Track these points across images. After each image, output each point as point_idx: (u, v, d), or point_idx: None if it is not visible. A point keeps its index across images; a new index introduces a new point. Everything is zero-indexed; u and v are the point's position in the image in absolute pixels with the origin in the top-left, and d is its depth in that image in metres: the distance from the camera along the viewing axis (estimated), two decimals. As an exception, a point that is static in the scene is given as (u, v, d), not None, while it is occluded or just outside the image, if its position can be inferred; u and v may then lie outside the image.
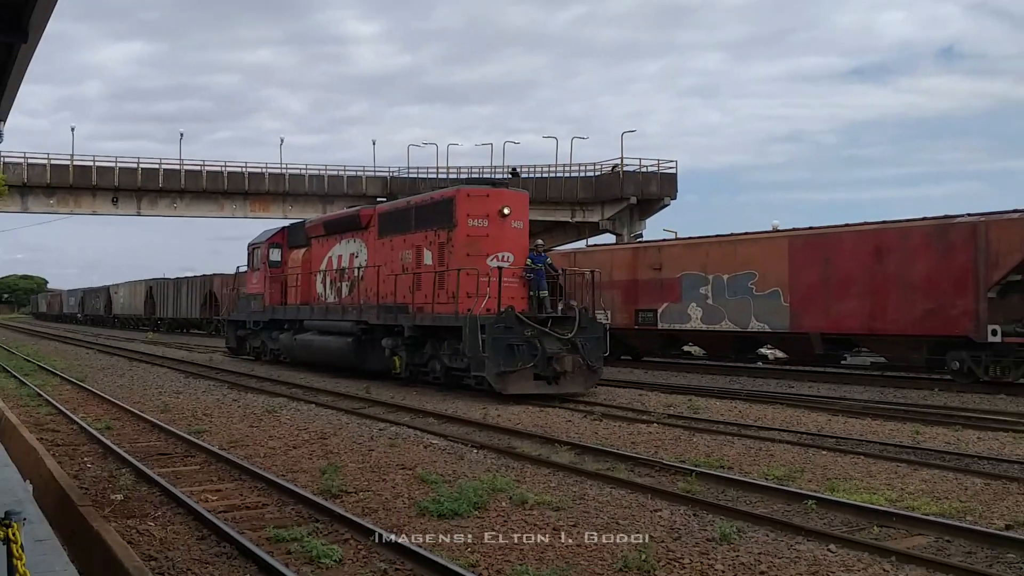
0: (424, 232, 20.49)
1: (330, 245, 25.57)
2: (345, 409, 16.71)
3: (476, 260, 18.55)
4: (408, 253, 21.12)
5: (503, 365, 17.29)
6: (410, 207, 21.60)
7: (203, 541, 7.66)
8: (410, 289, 20.43)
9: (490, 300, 17.97)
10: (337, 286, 24.88)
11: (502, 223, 19.17)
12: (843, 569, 6.76)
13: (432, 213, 20.30)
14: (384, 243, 22.32)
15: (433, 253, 20.04)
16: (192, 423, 14.82)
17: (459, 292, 18.17)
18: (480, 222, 19.15)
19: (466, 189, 19.92)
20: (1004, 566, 6.91)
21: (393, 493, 9.41)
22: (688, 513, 8.56)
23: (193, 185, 59.97)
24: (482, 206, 19.22)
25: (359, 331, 22.14)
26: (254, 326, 30.14)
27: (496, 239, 19.15)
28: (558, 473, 10.53)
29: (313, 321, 25.24)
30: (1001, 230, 19.90)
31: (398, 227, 21.78)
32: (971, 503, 8.94)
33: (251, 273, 30.72)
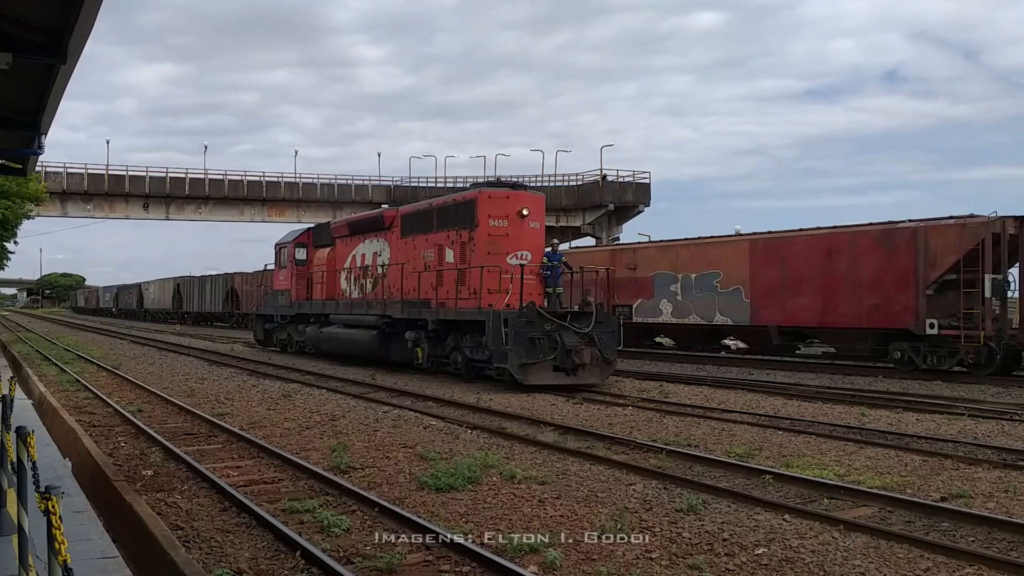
0: (446, 232, 19.76)
1: (354, 244, 24.82)
2: (353, 394, 16.66)
3: (496, 258, 17.96)
4: (430, 252, 20.40)
5: (525, 357, 16.72)
6: (432, 209, 20.78)
7: (225, 512, 7.64)
8: (432, 286, 19.88)
9: (511, 296, 17.38)
10: (361, 283, 24.19)
11: (521, 223, 18.51)
12: (796, 536, 6.78)
13: (454, 214, 19.56)
14: (407, 242, 21.59)
15: (455, 252, 19.37)
16: (215, 406, 14.76)
17: (481, 288, 17.50)
18: (500, 222, 18.47)
19: (487, 191, 19.10)
20: (939, 533, 6.94)
21: (396, 469, 9.39)
22: (659, 487, 8.57)
23: (216, 192, 59.89)
24: (502, 207, 18.58)
25: (383, 325, 21.43)
26: (281, 320, 29.52)
27: (515, 238, 18.46)
28: (543, 451, 10.53)
29: (338, 315, 24.50)
30: (938, 234, 19.98)
31: (420, 227, 21.02)
32: (910, 477, 8.98)
33: (278, 271, 30.07)
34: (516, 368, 16.68)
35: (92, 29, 6.40)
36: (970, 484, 8.63)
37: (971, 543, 6.66)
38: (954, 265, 19.59)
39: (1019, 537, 6.75)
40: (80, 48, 6.77)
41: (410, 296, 20.64)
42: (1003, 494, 8.20)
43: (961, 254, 19.53)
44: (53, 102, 8.42)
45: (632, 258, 27.69)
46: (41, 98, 8.37)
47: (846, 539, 6.71)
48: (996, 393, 16.98)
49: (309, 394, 16.76)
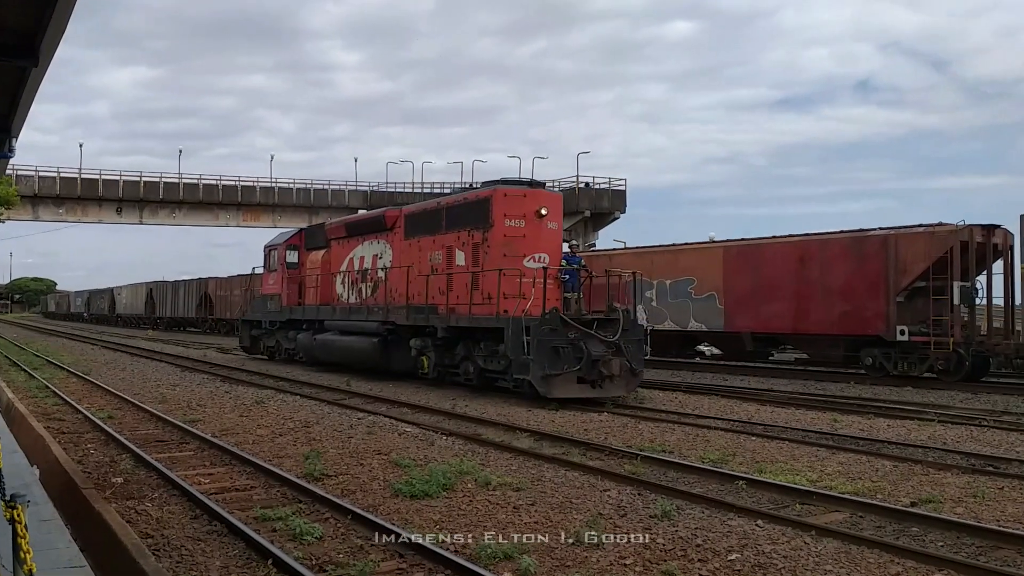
0: (456, 233, 18.45)
1: (351, 247, 23.45)
2: (327, 400, 16.55)
3: (512, 261, 16.63)
4: (438, 254, 19.11)
5: (548, 368, 15.35)
6: (440, 208, 19.45)
7: (196, 520, 7.55)
8: (441, 290, 18.52)
9: (526, 301, 15.92)
10: (358, 287, 22.82)
11: (539, 224, 17.28)
12: (769, 542, 6.81)
13: (466, 213, 18.23)
14: (411, 244, 20.22)
15: (466, 254, 18.08)
16: (187, 413, 14.59)
17: (499, 292, 16.26)
18: (517, 222, 17.21)
19: (503, 189, 17.64)
20: (909, 538, 7.01)
21: (370, 476, 9.33)
22: (633, 492, 8.58)
23: (191, 197, 59.44)
24: (519, 206, 17.29)
25: (384, 332, 20.14)
26: (270, 326, 27.88)
27: (533, 240, 17.21)
28: (519, 457, 10.51)
29: (334, 321, 23.02)
30: (908, 242, 20.22)
31: (427, 228, 19.66)
32: (881, 483, 9.06)
33: (267, 274, 28.36)
34: (539, 380, 15.35)
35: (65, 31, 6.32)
36: (939, 489, 8.72)
37: (940, 548, 6.73)
38: (924, 272, 19.83)
39: (987, 542, 6.83)
40: (52, 50, 6.68)
41: (416, 301, 19.33)
42: (971, 499, 8.29)
43: (930, 262, 19.78)
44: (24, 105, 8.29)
45: (607, 265, 27.69)
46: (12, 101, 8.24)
47: (818, 544, 6.75)
48: (965, 399, 17.19)
49: (282, 400, 16.62)
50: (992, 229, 20.20)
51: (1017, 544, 6.72)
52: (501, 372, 16.68)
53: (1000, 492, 8.61)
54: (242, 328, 30.74)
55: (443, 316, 18.10)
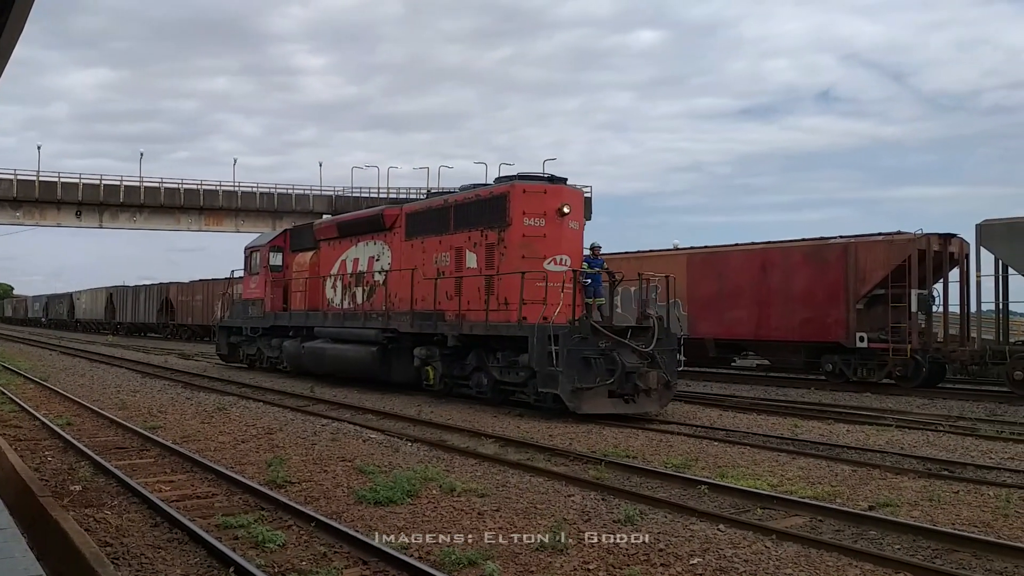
0: (467, 232, 17.02)
1: (344, 248, 21.90)
2: (291, 407, 16.40)
3: (532, 263, 15.27)
4: (445, 256, 17.66)
5: (578, 381, 14.05)
6: (448, 206, 17.87)
7: (156, 528, 7.44)
8: (448, 295, 17.19)
9: (548, 307, 14.63)
10: (352, 291, 21.29)
11: (560, 223, 15.85)
12: (730, 546, 6.89)
13: (478, 211, 16.80)
14: (413, 245, 18.81)
15: (479, 256, 16.65)
16: (148, 419, 14.38)
17: (522, 298, 14.79)
18: (536, 221, 15.80)
19: (521, 184, 16.16)
20: (867, 541, 7.13)
21: (334, 483, 9.27)
22: (598, 498, 8.62)
23: (152, 200, 58.64)
24: (539, 203, 15.84)
25: (384, 340, 18.65)
26: (251, 333, 25.83)
27: (554, 240, 15.81)
28: (484, 463, 10.51)
29: (326, 328, 21.47)
30: (867, 251, 20.59)
31: (432, 228, 18.22)
32: (840, 487, 9.19)
33: (249, 277, 26.48)
34: (568, 394, 14.03)
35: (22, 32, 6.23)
36: (896, 493, 8.88)
37: (897, 551, 6.85)
38: (882, 280, 20.20)
39: (943, 544, 6.97)
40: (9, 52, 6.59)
41: (421, 307, 17.91)
42: (928, 503, 8.45)
43: (889, 270, 20.16)
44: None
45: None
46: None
47: (778, 548, 6.83)
48: (922, 404, 17.52)
49: (245, 407, 16.44)
50: (949, 238, 20.63)
51: (972, 547, 6.87)
52: (520, 385, 15.47)
53: (955, 496, 8.79)
54: (219, 335, 28.82)
55: (453, 323, 16.76)
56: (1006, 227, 18.58)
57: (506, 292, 15.62)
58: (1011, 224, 18.55)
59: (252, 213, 61.50)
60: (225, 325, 28.27)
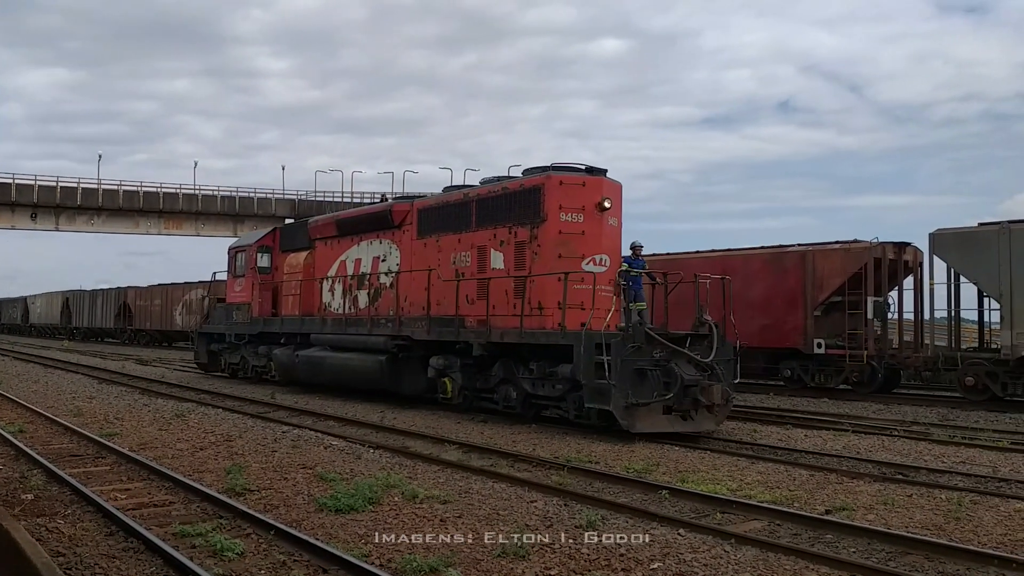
0: (492, 229, 15.52)
1: (343, 248, 20.24)
2: (250, 413, 16.21)
3: (569, 263, 13.89)
4: (465, 255, 16.18)
5: (633, 396, 12.64)
6: (468, 200, 16.31)
7: (111, 537, 7.30)
8: (469, 299, 15.71)
9: (588, 313, 13.52)
10: (353, 295, 19.57)
11: (600, 219, 14.42)
12: (690, 551, 6.94)
13: (506, 206, 15.29)
14: (426, 244, 17.26)
15: (506, 255, 15.16)
16: (104, 426, 14.11)
17: (565, 302, 13.37)
18: (574, 216, 14.34)
19: (557, 175, 14.59)
20: (824, 545, 7.22)
21: (294, 491, 9.17)
22: (560, 503, 8.64)
23: (110, 203, 57.71)
24: (577, 197, 14.39)
25: (394, 348, 17.05)
26: (235, 340, 24.03)
27: (593, 237, 14.38)
28: (447, 470, 10.47)
29: (323, 335, 19.74)
30: (825, 258, 20.93)
31: (449, 225, 16.70)
32: (798, 491, 9.31)
33: (233, 280, 24.42)
34: (621, 410, 12.56)
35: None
36: (852, 497, 9.02)
37: (853, 554, 6.95)
38: (840, 288, 20.55)
39: (896, 547, 7.09)
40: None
41: (439, 311, 16.38)
42: (882, 506, 8.59)
43: (846, 277, 20.51)
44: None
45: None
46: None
47: (737, 552, 6.90)
48: (877, 410, 17.83)
49: (204, 414, 16.21)
50: (903, 247, 21.06)
51: (924, 549, 6.99)
52: (556, 399, 14.09)
53: (909, 499, 8.96)
54: (198, 342, 26.62)
55: (479, 330, 15.10)
56: (957, 236, 19.01)
57: (540, 295, 14.30)
58: (962, 234, 18.98)
59: (213, 216, 60.82)
60: (206, 332, 26.27)
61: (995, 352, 18.50)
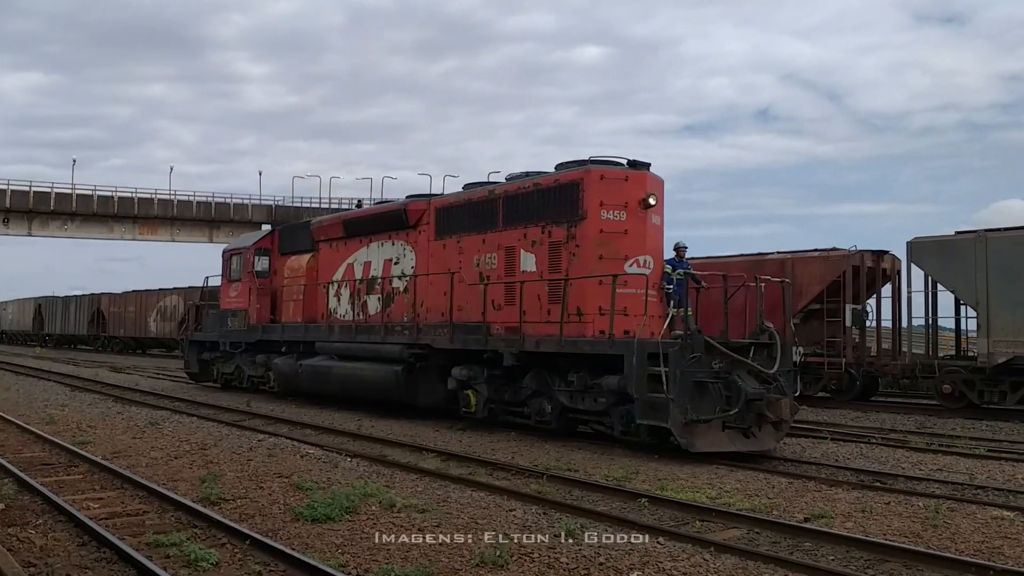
0: (522, 229, 14.50)
1: (351, 250, 19.15)
2: (226, 421, 16.07)
3: (611, 264, 12.97)
4: (491, 257, 15.11)
5: (693, 411, 11.51)
6: (494, 198, 15.20)
7: (83, 547, 7.21)
8: (496, 304, 14.68)
9: (634, 320, 12.55)
10: (362, 300, 18.51)
11: (644, 217, 13.50)
12: (670, 559, 6.95)
13: (539, 203, 14.31)
14: (445, 245, 16.24)
15: (539, 256, 14.18)
16: (77, 435, 13.94)
17: (613, 307, 12.33)
18: (617, 214, 13.37)
19: (598, 169, 13.62)
20: (802, 553, 7.26)
21: (270, 500, 9.10)
22: (539, 512, 8.63)
23: (84, 208, 57.28)
24: (619, 193, 13.43)
25: (410, 357, 16.01)
26: (230, 348, 22.58)
27: (636, 237, 13.44)
28: (425, 478, 10.43)
29: (330, 343, 18.61)
30: (804, 266, 21.09)
31: (471, 224, 15.64)
32: (777, 499, 9.36)
33: (228, 285, 23.09)
34: (680, 428, 11.42)
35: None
36: (831, 505, 9.08)
37: (831, 562, 6.99)
38: (818, 295, 20.71)
39: (874, 555, 7.14)
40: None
41: (463, 318, 15.31)
42: (860, 514, 8.65)
43: (824, 285, 20.67)
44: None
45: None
46: None
47: (716, 561, 6.92)
48: (856, 417, 17.97)
49: (179, 422, 16.06)
50: (881, 255, 21.27)
51: (902, 557, 7.05)
52: (597, 414, 13.04)
53: (887, 507, 9.03)
54: (188, 350, 25.07)
55: (509, 338, 14.07)
56: (935, 244, 19.22)
57: (579, 300, 13.25)
58: (939, 242, 19.20)
59: (188, 222, 60.53)
60: (197, 339, 24.67)
61: (972, 360, 18.70)
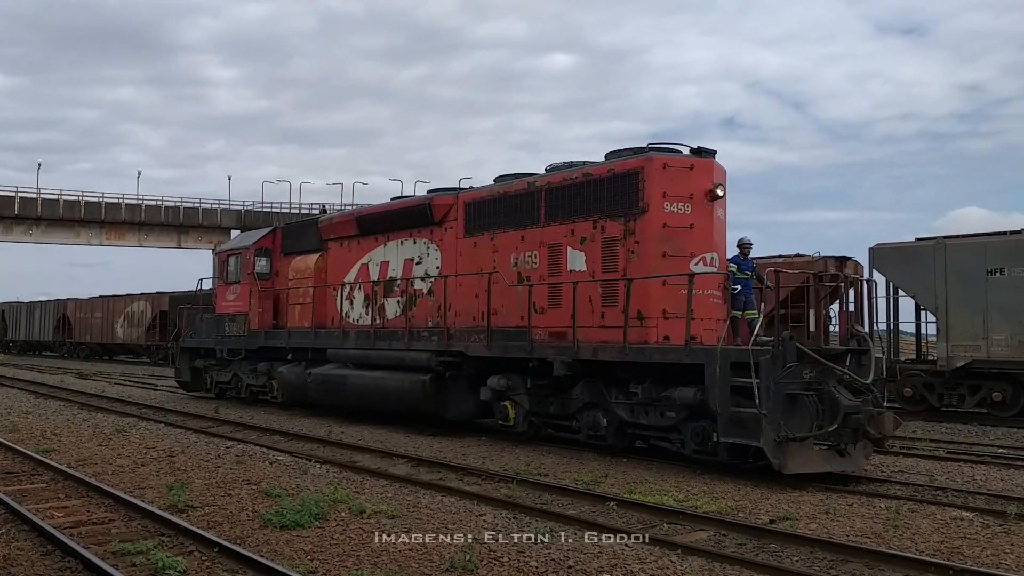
0: (568, 224, 13.25)
1: (365, 249, 17.80)
2: (194, 428, 15.89)
3: (675, 263, 11.90)
4: (531, 255, 13.86)
5: (787, 428, 10.16)
6: (535, 190, 13.92)
7: (47, 557, 7.09)
8: (539, 307, 13.43)
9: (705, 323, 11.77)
10: (379, 304, 17.03)
11: (710, 209, 12.37)
12: (638, 561, 6.99)
13: (590, 195, 13.03)
14: (477, 243, 14.91)
15: (590, 254, 12.91)
16: (40, 442, 13.71)
17: (690, 311, 11.16)
18: (681, 207, 12.17)
19: (660, 157, 12.36)
20: (768, 554, 7.34)
21: (238, 507, 9.02)
22: (509, 516, 8.64)
23: (50, 213, 56.44)
24: (684, 183, 12.26)
25: (439, 365, 14.83)
26: (228, 355, 21.13)
27: (703, 232, 12.28)
28: (395, 484, 10.40)
29: (345, 351, 17.22)
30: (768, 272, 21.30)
31: (508, 219, 14.35)
32: (743, 501, 9.45)
33: (224, 287, 21.48)
34: (772, 446, 10.11)
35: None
36: (795, 507, 9.18)
37: (796, 563, 7.08)
38: (783, 301, 20.91)
39: (838, 556, 7.24)
40: None
41: (502, 322, 14.03)
42: (824, 515, 8.77)
43: (788, 291, 20.88)
44: None
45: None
46: None
47: (683, 562, 6.97)
48: (820, 420, 18.14)
49: (145, 428, 15.86)
50: (844, 260, 21.52)
51: (864, 557, 7.16)
52: (665, 429, 11.89)
53: (849, 508, 9.15)
54: (180, 357, 23.29)
55: (560, 345, 12.81)
56: (895, 251, 19.53)
57: (640, 303, 11.91)
58: (900, 248, 19.53)
59: (156, 227, 59.89)
60: (190, 346, 23.01)
61: (932, 364, 19.02)
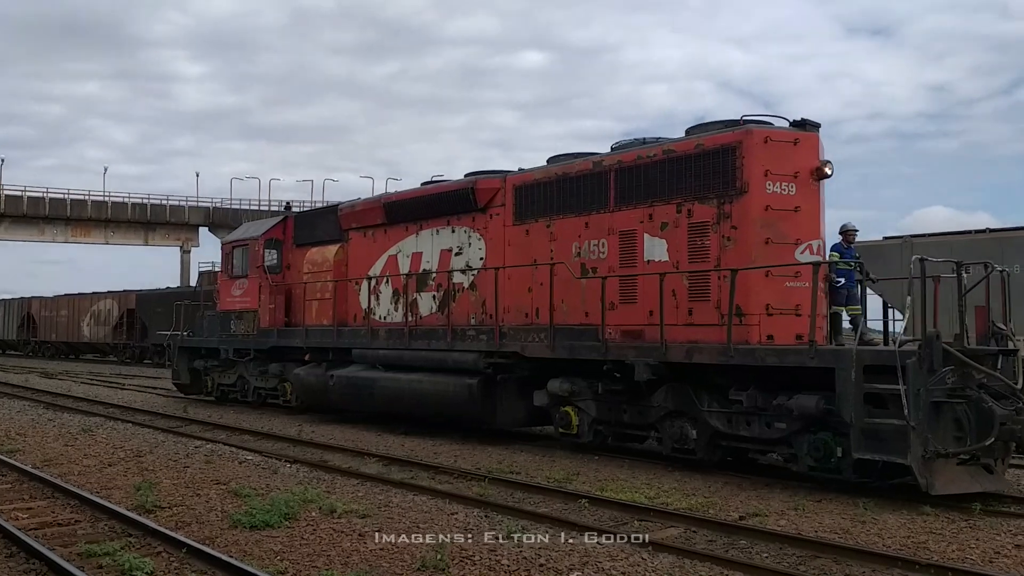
0: (645, 208, 11.72)
1: (393, 239, 16.12)
2: (162, 428, 15.72)
3: (779, 251, 10.53)
4: (598, 244, 12.32)
5: (936, 443, 8.74)
6: (603, 170, 12.39)
7: (11, 559, 6.99)
8: (612, 303, 11.90)
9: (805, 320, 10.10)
10: (411, 299, 15.40)
11: (816, 190, 10.95)
12: (609, 559, 7.03)
13: (672, 174, 11.49)
14: (529, 231, 13.39)
15: (672, 242, 11.41)
16: (4, 443, 13.48)
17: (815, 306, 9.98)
18: (785, 187, 10.67)
19: (761, 130, 10.88)
20: (738, 551, 7.41)
21: (207, 507, 8.93)
22: (480, 515, 8.64)
23: (13, 210, 55.53)
24: (788, 160, 10.75)
25: (488, 367, 13.43)
26: (234, 356, 19.53)
27: (810, 216, 10.86)
28: (366, 483, 10.37)
29: (373, 351, 15.71)
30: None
31: (567, 204, 12.81)
32: (713, 498, 9.52)
33: (230, 282, 19.89)
34: (920, 464, 8.74)
35: None
36: (765, 503, 9.28)
37: (765, 559, 7.15)
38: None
39: (807, 552, 7.33)
40: None
41: (565, 320, 12.60)
42: (793, 512, 8.86)
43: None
44: None
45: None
46: None
47: (654, 559, 7.02)
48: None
49: (113, 428, 15.66)
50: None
51: (832, 552, 7.25)
52: (772, 442, 10.52)
53: (818, 505, 9.26)
54: (178, 358, 21.30)
55: (643, 345, 11.38)
56: (863, 250, 19.71)
57: (739, 297, 10.33)
58: (868, 247, 19.77)
59: (123, 224, 59.18)
60: (189, 346, 21.18)
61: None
